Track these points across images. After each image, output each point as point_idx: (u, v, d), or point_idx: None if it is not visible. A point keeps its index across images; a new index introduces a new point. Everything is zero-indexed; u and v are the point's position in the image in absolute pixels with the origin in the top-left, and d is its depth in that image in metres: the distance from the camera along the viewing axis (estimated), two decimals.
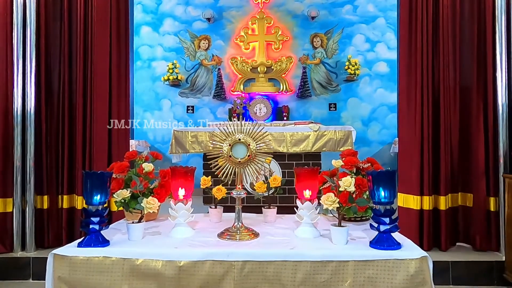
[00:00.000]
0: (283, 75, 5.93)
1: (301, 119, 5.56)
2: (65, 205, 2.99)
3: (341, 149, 3.79)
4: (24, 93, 2.91)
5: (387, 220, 1.28)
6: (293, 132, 3.75)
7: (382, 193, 1.27)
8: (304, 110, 5.94)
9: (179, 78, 5.86)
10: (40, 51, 2.98)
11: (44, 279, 2.65)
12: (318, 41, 5.94)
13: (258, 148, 1.45)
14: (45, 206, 2.97)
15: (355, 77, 5.83)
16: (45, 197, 2.97)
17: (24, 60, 2.92)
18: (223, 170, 1.50)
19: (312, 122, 3.93)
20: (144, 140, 5.55)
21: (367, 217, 1.72)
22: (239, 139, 1.45)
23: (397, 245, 1.28)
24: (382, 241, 1.29)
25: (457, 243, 2.97)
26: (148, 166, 1.55)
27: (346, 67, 5.77)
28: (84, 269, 1.25)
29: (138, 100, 5.98)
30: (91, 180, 1.31)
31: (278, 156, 3.61)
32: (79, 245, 1.32)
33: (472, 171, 2.89)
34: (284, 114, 5.72)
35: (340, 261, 1.22)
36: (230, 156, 1.46)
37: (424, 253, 1.22)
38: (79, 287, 1.25)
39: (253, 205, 2.29)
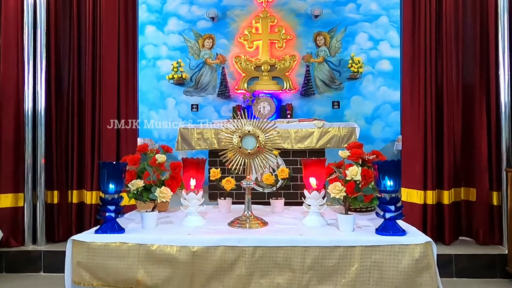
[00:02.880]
0: (286, 74, 5.96)
1: (304, 117, 5.60)
2: (74, 200, 3.05)
3: (345, 145, 3.84)
4: (35, 92, 2.97)
5: (392, 207, 1.33)
6: (298, 128, 3.80)
7: (388, 182, 1.32)
8: (308, 108, 5.97)
9: (183, 76, 5.91)
10: (50, 50, 3.04)
11: (55, 272, 2.74)
12: (321, 40, 5.97)
13: (267, 139, 1.50)
14: (55, 201, 3.03)
15: (358, 75, 5.85)
16: (55, 192, 3.03)
17: (34, 59, 2.98)
18: (232, 162, 1.55)
19: (316, 119, 3.98)
20: (149, 138, 5.61)
21: (372, 208, 1.77)
22: (249, 131, 1.50)
23: (402, 232, 1.33)
24: (388, 228, 1.33)
25: (460, 237, 3.01)
26: (161, 157, 1.60)
27: (349, 65, 5.79)
28: (102, 255, 1.31)
29: (143, 99, 6.01)
30: (107, 170, 1.36)
31: (282, 153, 3.65)
32: (97, 232, 1.38)
33: (475, 166, 2.93)
34: (287, 112, 5.76)
35: (348, 246, 1.27)
36: (240, 147, 1.51)
37: (428, 239, 1.26)
38: (97, 272, 1.31)
39: (258, 200, 2.33)
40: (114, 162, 1.39)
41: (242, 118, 1.55)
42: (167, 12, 6.11)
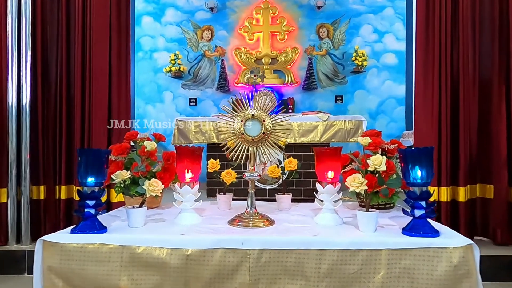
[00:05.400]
0: (288, 67, 5.77)
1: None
2: (62, 196, 2.86)
3: (351, 140, 3.63)
4: (19, 85, 2.79)
5: (423, 203, 1.12)
6: (301, 122, 3.60)
7: (418, 173, 1.11)
8: (310, 102, 5.77)
9: (181, 69, 5.71)
10: (36, 40, 2.85)
11: None
12: (324, 32, 5.77)
13: (273, 124, 1.29)
14: (42, 197, 2.84)
15: (362, 69, 5.66)
16: (42, 187, 2.83)
17: (19, 49, 2.80)
18: (234, 151, 1.34)
19: (320, 112, 3.77)
20: (145, 133, 5.40)
21: (392, 205, 1.56)
22: (253, 114, 1.29)
23: (435, 232, 1.12)
24: (418, 228, 1.13)
25: (475, 237, 2.81)
26: (150, 144, 1.39)
27: (354, 58, 5.60)
28: (77, 258, 1.09)
29: (139, 92, 5.83)
30: (86, 158, 1.15)
31: (285, 147, 3.45)
32: (73, 231, 1.17)
33: (493, 162, 2.73)
34: (289, 106, 5.56)
35: (372, 249, 1.06)
36: (242, 133, 1.30)
37: (469, 241, 1.06)
38: (72, 278, 1.09)
39: (260, 197, 2.12)
40: (95, 149, 1.17)
41: (243, 104, 1.34)
42: (165, 2, 5.90)
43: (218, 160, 1.63)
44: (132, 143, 1.68)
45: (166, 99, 5.86)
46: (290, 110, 5.50)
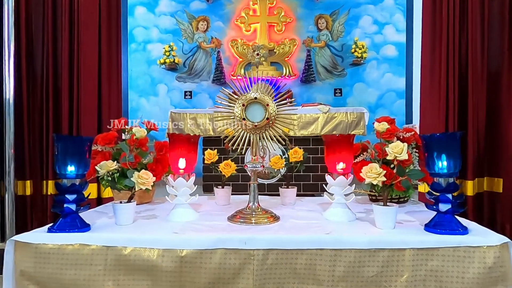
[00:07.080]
0: (286, 59, 5.63)
1: None
2: (50, 191, 2.70)
3: (353, 132, 3.51)
4: (2, 78, 2.61)
5: (449, 196, 0.99)
6: (301, 114, 3.46)
7: (445, 162, 0.98)
8: (308, 95, 5.65)
9: (176, 61, 5.54)
10: (20, 31, 2.68)
11: None
12: (323, 23, 5.63)
13: (279, 109, 1.15)
14: (28, 193, 2.68)
15: (362, 61, 5.53)
16: (28, 182, 2.68)
17: (1, 41, 2.62)
18: (234, 138, 1.20)
19: (321, 104, 3.63)
20: (136, 120, 5.23)
21: (406, 198, 1.43)
22: (255, 98, 1.15)
23: (463, 229, 0.99)
24: (443, 224, 0.99)
25: None
26: (140, 131, 1.24)
27: (353, 50, 5.47)
28: (55, 261, 0.95)
29: (132, 85, 5.65)
30: (63, 146, 1.00)
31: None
32: (50, 229, 1.02)
33: (502, 154, 2.62)
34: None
35: (394, 249, 0.92)
36: (244, 119, 1.15)
37: (505, 239, 0.93)
38: (48, 284, 0.95)
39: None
40: (75, 136, 1.02)
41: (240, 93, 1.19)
42: None
43: (216, 150, 1.49)
44: (123, 137, 1.53)
45: (160, 92, 5.69)
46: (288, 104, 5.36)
